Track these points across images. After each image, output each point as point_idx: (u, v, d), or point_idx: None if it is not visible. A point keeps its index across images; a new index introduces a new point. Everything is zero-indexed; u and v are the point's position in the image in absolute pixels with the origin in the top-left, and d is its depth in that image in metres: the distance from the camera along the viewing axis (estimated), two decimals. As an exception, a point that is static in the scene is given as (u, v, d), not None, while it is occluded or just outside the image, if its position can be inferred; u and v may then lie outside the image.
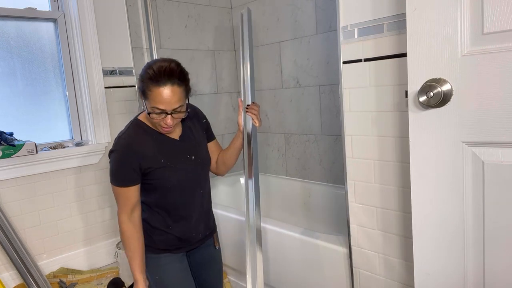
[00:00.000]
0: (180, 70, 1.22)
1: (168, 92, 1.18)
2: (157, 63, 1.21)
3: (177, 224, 1.38)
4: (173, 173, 1.32)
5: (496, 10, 0.85)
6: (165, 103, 1.19)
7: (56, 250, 2.15)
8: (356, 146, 1.38)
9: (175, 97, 1.20)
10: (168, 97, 1.19)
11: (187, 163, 1.36)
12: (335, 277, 1.55)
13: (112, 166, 1.29)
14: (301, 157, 2.50)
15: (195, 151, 1.39)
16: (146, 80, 1.20)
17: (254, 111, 1.46)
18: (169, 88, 1.18)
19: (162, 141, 1.32)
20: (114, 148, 1.28)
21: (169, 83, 1.18)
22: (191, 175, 1.38)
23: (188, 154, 1.37)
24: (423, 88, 0.94)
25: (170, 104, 1.20)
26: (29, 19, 2.08)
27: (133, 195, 1.30)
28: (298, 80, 2.41)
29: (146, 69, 1.22)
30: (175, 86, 1.19)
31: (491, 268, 0.96)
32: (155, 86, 1.18)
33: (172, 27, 2.50)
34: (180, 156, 1.35)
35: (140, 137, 1.30)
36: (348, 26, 1.32)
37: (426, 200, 1.02)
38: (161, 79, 1.17)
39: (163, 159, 1.30)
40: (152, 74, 1.18)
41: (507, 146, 0.88)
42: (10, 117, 2.05)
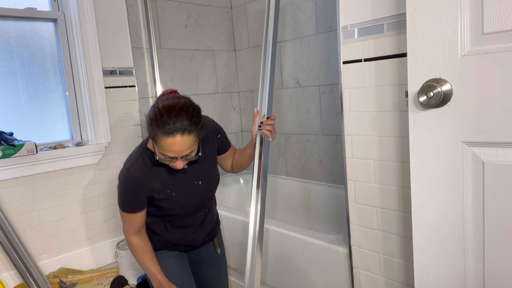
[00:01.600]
0: (190, 117, 1.12)
1: (178, 142, 1.11)
2: (166, 108, 1.11)
3: (176, 235, 1.41)
4: (178, 201, 1.34)
5: (496, 10, 0.85)
6: (174, 152, 1.13)
7: (56, 250, 2.15)
8: (356, 146, 1.38)
9: (185, 146, 1.13)
10: (178, 147, 1.12)
11: (194, 189, 1.37)
12: (335, 277, 1.55)
13: (120, 194, 1.30)
14: (301, 157, 2.50)
15: (203, 176, 1.38)
16: (154, 126, 1.11)
17: (268, 128, 1.41)
18: (179, 138, 1.10)
19: (170, 171, 1.30)
20: (123, 179, 1.27)
21: (179, 133, 1.10)
22: (196, 200, 1.39)
23: (195, 181, 1.37)
24: (423, 88, 0.94)
25: (180, 153, 1.14)
26: (29, 19, 2.08)
27: (140, 220, 1.33)
28: (298, 80, 2.41)
29: (155, 112, 1.13)
30: (185, 135, 1.11)
31: (491, 268, 0.96)
32: (164, 136, 1.10)
33: (172, 27, 2.50)
34: (187, 184, 1.35)
35: (148, 169, 1.27)
36: (348, 26, 1.32)
37: (426, 200, 1.02)
38: (170, 129, 1.09)
39: (169, 189, 1.31)
40: (160, 123, 1.10)
41: (507, 146, 0.88)
42: (10, 117, 2.05)
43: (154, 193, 1.29)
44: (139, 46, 2.37)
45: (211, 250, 1.55)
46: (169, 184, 1.31)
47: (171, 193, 1.31)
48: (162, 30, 2.45)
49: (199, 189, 1.38)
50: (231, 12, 2.82)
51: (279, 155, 2.66)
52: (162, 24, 2.45)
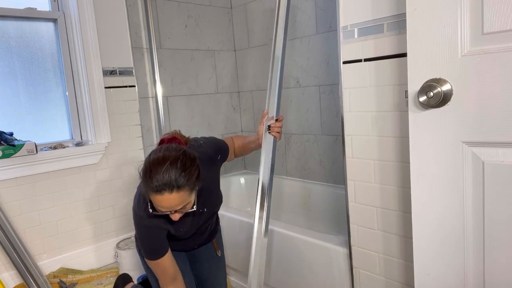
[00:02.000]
0: (181, 171, 1.07)
1: (166, 199, 1.07)
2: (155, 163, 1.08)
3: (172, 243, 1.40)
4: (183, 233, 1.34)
5: (496, 10, 0.85)
6: (165, 208, 1.10)
7: (56, 250, 2.15)
8: (356, 146, 1.38)
9: (175, 202, 1.08)
10: (167, 203, 1.08)
11: (199, 216, 1.37)
12: (335, 277, 1.55)
13: (141, 242, 1.28)
14: (301, 157, 2.50)
15: (207, 204, 1.37)
16: (144, 181, 1.09)
17: (276, 130, 1.43)
18: (167, 195, 1.06)
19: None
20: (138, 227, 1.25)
21: (167, 191, 1.06)
22: (200, 224, 1.40)
23: (200, 209, 1.34)
24: (423, 88, 0.94)
25: (172, 208, 1.10)
26: (29, 19, 2.08)
27: (170, 263, 1.29)
28: (298, 80, 2.41)
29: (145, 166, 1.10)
30: (174, 192, 1.06)
31: (491, 268, 0.96)
32: (152, 192, 1.07)
33: (172, 27, 2.50)
34: (192, 216, 1.33)
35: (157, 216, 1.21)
36: (348, 26, 1.32)
37: (426, 200, 1.02)
38: (157, 187, 1.05)
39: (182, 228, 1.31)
40: (149, 179, 1.07)
41: (507, 146, 0.88)
42: (10, 117, 2.05)
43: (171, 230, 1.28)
44: (139, 46, 2.37)
45: (210, 249, 1.55)
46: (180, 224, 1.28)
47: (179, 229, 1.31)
48: (162, 30, 2.45)
49: (204, 215, 1.39)
50: (231, 12, 2.82)
51: (279, 155, 2.66)
52: (162, 24, 2.45)
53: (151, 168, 1.07)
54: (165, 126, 2.43)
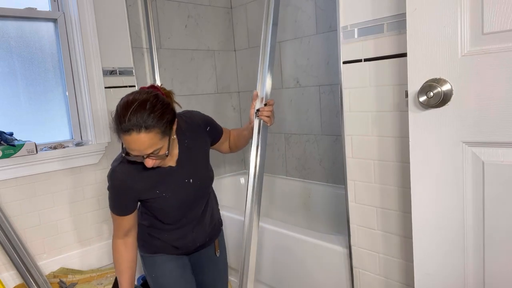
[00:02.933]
0: (150, 112, 1.05)
1: (134, 140, 1.04)
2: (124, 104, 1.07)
3: (174, 235, 1.38)
4: (169, 200, 1.29)
5: (496, 10, 0.85)
6: (135, 150, 1.07)
7: (56, 250, 2.15)
8: (356, 146, 1.38)
9: (145, 144, 1.06)
10: (136, 145, 1.06)
11: (185, 188, 1.31)
12: (335, 277, 1.55)
13: (109, 195, 1.28)
14: (301, 157, 2.50)
15: (193, 174, 1.32)
16: (115, 125, 1.08)
17: (266, 114, 1.40)
18: (135, 136, 1.04)
19: (158, 171, 1.24)
20: (109, 180, 1.24)
21: (135, 131, 1.03)
22: (189, 198, 1.34)
23: (186, 179, 1.30)
24: (423, 88, 0.94)
25: (141, 151, 1.07)
26: (29, 19, 2.08)
27: (127, 223, 1.30)
28: (298, 80, 2.41)
29: (115, 111, 1.09)
30: (142, 133, 1.04)
31: (491, 268, 0.96)
32: (122, 133, 1.05)
33: (172, 27, 2.50)
34: (177, 183, 1.29)
35: (134, 170, 1.21)
36: (348, 26, 1.32)
37: (426, 200, 1.02)
38: (125, 127, 1.04)
39: (159, 189, 1.26)
40: (117, 119, 1.05)
41: (507, 146, 0.88)
42: (10, 117, 2.05)
43: (142, 194, 1.25)
44: (139, 46, 2.37)
45: (212, 253, 1.52)
46: (157, 185, 1.25)
47: (161, 194, 1.26)
48: (162, 30, 2.45)
49: (191, 187, 1.32)
50: (231, 12, 2.82)
51: (279, 155, 2.66)
52: (162, 24, 2.45)
53: (120, 110, 1.06)
54: (165, 126, 2.43)
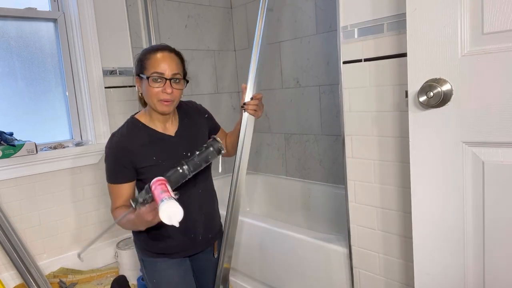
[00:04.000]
0: (175, 49, 1.29)
1: (165, 56, 1.23)
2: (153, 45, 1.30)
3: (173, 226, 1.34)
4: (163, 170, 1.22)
5: (496, 10, 0.85)
6: (162, 67, 1.21)
7: (56, 250, 2.15)
8: (356, 146, 1.38)
9: (173, 63, 1.23)
10: (166, 60, 1.22)
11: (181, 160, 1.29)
12: (335, 277, 1.55)
13: (106, 164, 1.29)
14: (301, 157, 2.50)
15: (191, 148, 1.31)
16: (143, 54, 1.25)
17: (251, 107, 1.43)
18: (166, 53, 1.24)
19: (156, 138, 1.30)
20: (107, 146, 1.28)
21: (166, 50, 1.25)
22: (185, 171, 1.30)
23: (183, 151, 1.31)
24: (423, 88, 0.94)
25: (169, 68, 1.22)
26: (29, 19, 2.08)
27: (125, 193, 1.29)
28: (298, 80, 2.41)
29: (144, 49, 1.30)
30: (173, 53, 1.25)
31: (491, 268, 0.96)
32: (152, 53, 1.23)
33: (172, 27, 2.50)
34: (174, 153, 1.30)
35: (133, 134, 1.28)
36: (348, 26, 1.32)
37: (426, 200, 1.02)
38: (159, 47, 1.25)
39: (155, 156, 1.27)
40: (150, 48, 1.27)
41: (507, 146, 0.88)
42: (10, 117, 2.05)
43: (139, 159, 1.25)
44: (139, 46, 2.37)
45: (208, 258, 1.49)
46: (154, 151, 1.28)
47: (158, 160, 1.26)
48: (162, 30, 2.45)
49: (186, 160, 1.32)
50: (231, 12, 2.82)
51: (279, 155, 2.66)
52: (162, 24, 2.45)
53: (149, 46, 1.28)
54: (165, 126, 2.43)
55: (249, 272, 1.98)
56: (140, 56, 1.27)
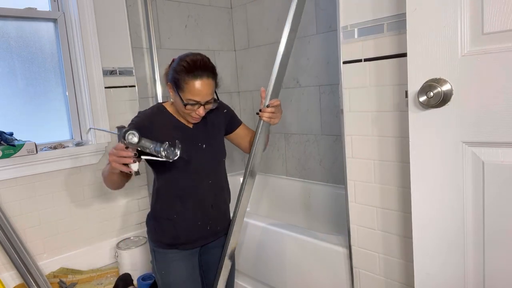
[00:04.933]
0: (211, 64, 1.30)
1: (203, 85, 1.25)
2: (190, 56, 1.28)
3: (183, 213, 1.37)
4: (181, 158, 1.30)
5: (496, 10, 0.85)
6: (200, 95, 1.26)
7: (56, 250, 2.15)
8: (356, 146, 1.38)
9: (209, 90, 1.27)
10: (203, 89, 1.25)
11: (198, 151, 1.39)
12: (335, 277, 1.55)
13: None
14: (301, 157, 2.50)
15: (206, 141, 1.42)
16: (181, 72, 1.25)
17: (266, 115, 1.48)
18: (204, 81, 1.25)
19: (175, 126, 1.37)
20: (131, 121, 1.33)
21: (205, 76, 1.25)
22: (200, 163, 1.39)
23: (199, 142, 1.40)
24: (423, 88, 0.94)
25: (205, 96, 1.27)
26: (29, 19, 2.08)
27: None
28: (298, 80, 2.41)
29: (180, 62, 1.28)
30: (210, 79, 1.27)
31: (491, 268, 0.96)
32: (191, 79, 1.24)
33: (172, 27, 2.50)
34: (191, 142, 1.38)
35: (157, 117, 1.36)
36: (348, 26, 1.32)
37: (426, 200, 1.02)
38: (197, 72, 1.24)
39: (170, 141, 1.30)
40: (187, 67, 1.25)
41: (507, 146, 0.88)
42: (10, 117, 2.05)
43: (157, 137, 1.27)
44: (139, 46, 2.37)
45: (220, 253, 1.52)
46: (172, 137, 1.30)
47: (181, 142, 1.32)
48: (162, 30, 2.45)
49: (203, 152, 1.40)
50: (231, 12, 2.82)
51: (279, 155, 2.66)
52: (162, 24, 2.45)
53: (186, 59, 1.27)
54: (165, 126, 2.43)
55: (249, 272, 1.99)
56: (179, 73, 1.26)
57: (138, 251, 2.17)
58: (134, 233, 2.40)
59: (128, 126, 1.27)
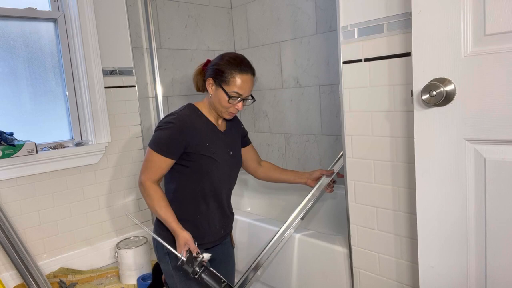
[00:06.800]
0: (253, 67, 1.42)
1: (248, 80, 1.36)
2: (233, 54, 1.39)
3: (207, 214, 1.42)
4: (212, 161, 1.39)
5: (497, 12, 0.87)
6: (243, 89, 1.35)
7: (56, 250, 2.15)
8: (356, 146, 1.38)
9: (251, 86, 1.39)
10: (247, 84, 1.36)
11: (225, 157, 1.44)
12: (335, 277, 1.55)
13: (161, 135, 1.34)
14: (301, 157, 2.50)
15: (233, 148, 1.49)
16: (228, 66, 1.34)
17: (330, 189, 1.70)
18: (249, 76, 1.37)
19: (211, 129, 1.42)
20: (170, 120, 1.35)
21: (250, 72, 1.37)
22: (225, 169, 1.44)
23: (227, 149, 1.45)
24: (426, 87, 0.96)
25: (247, 91, 1.37)
26: (29, 19, 2.08)
27: (165, 168, 1.36)
28: (298, 80, 2.42)
29: (225, 58, 1.37)
30: (252, 76, 1.39)
31: (493, 262, 0.97)
32: (238, 73, 1.34)
33: (172, 27, 2.50)
34: (222, 147, 1.43)
35: (194, 119, 1.40)
36: (348, 26, 1.32)
37: (430, 195, 1.04)
38: (243, 67, 1.35)
39: (208, 143, 1.38)
40: (234, 62, 1.35)
41: (508, 144, 0.90)
42: (10, 117, 2.05)
43: (196, 142, 1.36)
44: (139, 46, 2.37)
45: (226, 249, 1.56)
46: (209, 140, 1.40)
47: (209, 149, 1.38)
48: (162, 30, 2.45)
49: (230, 158, 1.46)
50: (231, 12, 2.82)
51: (279, 155, 2.66)
52: (162, 24, 2.45)
53: (237, 58, 1.36)
54: (165, 126, 2.43)
55: (249, 272, 1.98)
56: (224, 67, 1.35)
57: (138, 251, 2.17)
58: (134, 233, 2.41)
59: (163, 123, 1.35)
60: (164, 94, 2.47)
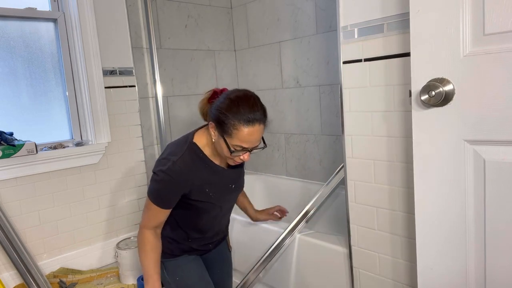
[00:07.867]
0: (263, 106, 1.20)
1: (254, 132, 1.15)
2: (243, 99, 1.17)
3: (196, 239, 1.41)
4: (211, 205, 1.34)
5: (496, 12, 0.86)
6: (249, 142, 1.17)
7: (56, 250, 2.15)
8: (356, 146, 1.38)
9: (260, 136, 1.19)
10: (255, 136, 1.17)
11: (227, 192, 1.38)
12: (335, 277, 1.55)
13: (157, 186, 1.25)
14: (301, 157, 2.50)
15: (236, 180, 1.40)
16: (230, 116, 1.14)
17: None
18: (256, 128, 1.15)
19: (212, 171, 1.30)
20: (166, 171, 1.22)
21: (257, 123, 1.15)
22: (226, 203, 1.41)
23: (230, 183, 1.37)
24: (425, 87, 0.96)
25: (254, 143, 1.18)
26: (29, 19, 2.08)
27: (163, 216, 1.30)
28: (298, 80, 2.42)
29: (228, 101, 1.17)
30: (261, 125, 1.17)
31: (492, 262, 0.97)
32: (242, 125, 1.14)
33: (172, 27, 2.50)
34: (223, 185, 1.35)
35: (193, 165, 1.26)
36: (348, 26, 1.32)
37: (429, 197, 1.04)
38: (251, 117, 1.14)
39: (208, 188, 1.29)
40: (237, 111, 1.14)
41: (507, 145, 0.89)
42: (10, 117, 2.05)
43: (196, 192, 1.27)
44: (139, 46, 2.37)
45: (222, 250, 1.56)
46: (209, 184, 1.29)
47: (209, 193, 1.29)
48: (162, 30, 2.45)
49: (232, 193, 1.40)
50: (231, 12, 2.82)
51: (279, 155, 2.66)
52: (162, 24, 2.45)
53: (239, 104, 1.14)
54: (165, 126, 2.43)
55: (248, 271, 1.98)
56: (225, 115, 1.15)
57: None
58: (134, 233, 2.41)
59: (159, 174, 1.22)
60: (164, 94, 2.47)
